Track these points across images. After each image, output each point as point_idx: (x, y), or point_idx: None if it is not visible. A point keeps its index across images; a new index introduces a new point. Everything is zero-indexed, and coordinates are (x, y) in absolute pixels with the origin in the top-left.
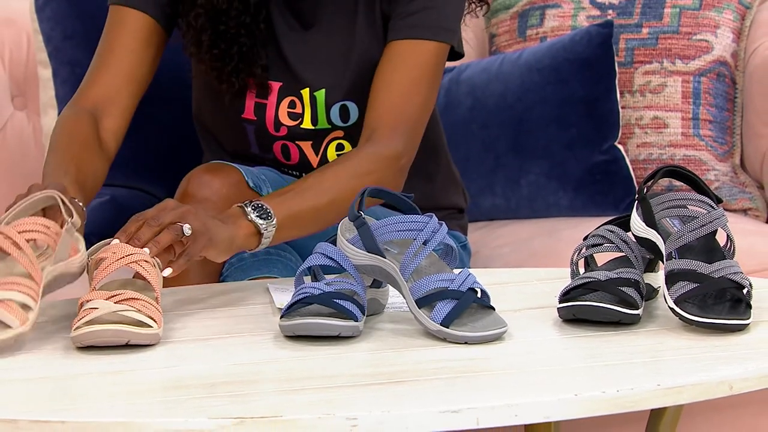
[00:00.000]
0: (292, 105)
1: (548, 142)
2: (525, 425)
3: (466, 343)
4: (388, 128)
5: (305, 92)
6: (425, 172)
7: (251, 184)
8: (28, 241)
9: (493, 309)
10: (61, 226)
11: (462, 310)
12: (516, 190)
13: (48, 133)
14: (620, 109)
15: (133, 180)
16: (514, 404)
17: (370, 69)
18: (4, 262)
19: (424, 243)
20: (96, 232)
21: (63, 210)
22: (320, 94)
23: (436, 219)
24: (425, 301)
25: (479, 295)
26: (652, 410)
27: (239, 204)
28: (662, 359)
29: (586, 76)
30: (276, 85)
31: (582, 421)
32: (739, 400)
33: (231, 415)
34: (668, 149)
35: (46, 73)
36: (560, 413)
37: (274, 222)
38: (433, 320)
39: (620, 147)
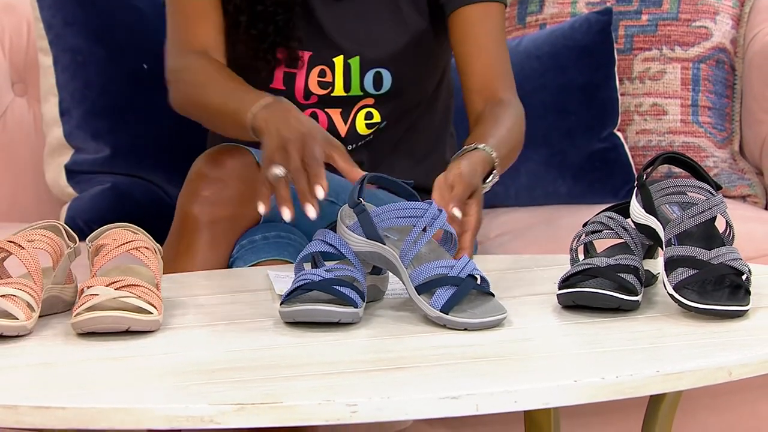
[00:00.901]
0: (322, 74)
1: (547, 129)
2: (524, 411)
3: (465, 329)
4: (509, 91)
5: (339, 60)
6: (436, 158)
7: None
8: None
9: (493, 296)
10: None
11: (462, 296)
12: (515, 177)
13: (48, 120)
14: (619, 96)
15: (133, 168)
16: (514, 390)
17: (409, 38)
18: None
19: (424, 230)
20: (96, 219)
21: (65, 236)
22: (355, 61)
23: (436, 206)
24: (425, 288)
25: (479, 281)
26: (651, 396)
27: (479, 147)
28: (661, 345)
29: (586, 63)
30: (306, 55)
31: (581, 408)
32: (739, 386)
33: (231, 401)
34: (667, 136)
35: (46, 60)
36: (559, 399)
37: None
38: (433, 306)
39: (619, 134)
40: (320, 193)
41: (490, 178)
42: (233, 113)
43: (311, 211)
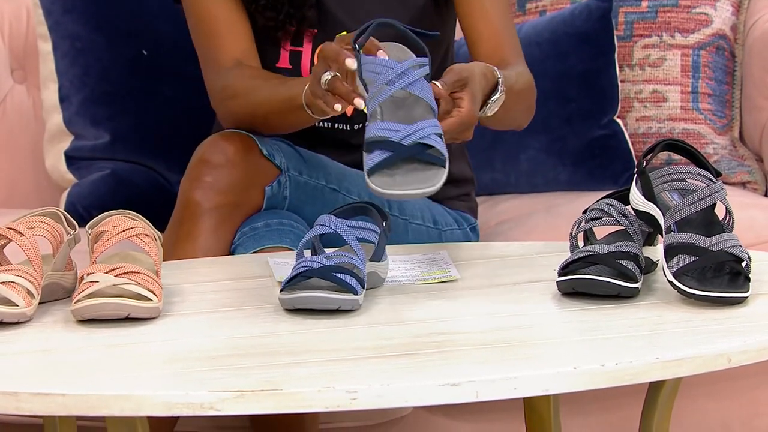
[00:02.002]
0: None
1: (547, 116)
2: (524, 398)
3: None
4: (518, 58)
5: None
6: None
7: (265, 153)
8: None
9: (443, 166)
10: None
11: (392, 162)
12: (515, 164)
13: (48, 107)
14: (619, 83)
15: (133, 154)
16: (513, 377)
17: (411, 15)
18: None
19: (388, 84)
20: (97, 205)
21: (65, 223)
22: None
23: (411, 62)
24: (368, 146)
25: (440, 152)
26: (650, 383)
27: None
28: (661, 332)
29: (586, 50)
30: (311, 32)
31: (581, 394)
32: (738, 373)
33: (231, 388)
34: (667, 123)
35: (46, 46)
36: (559, 386)
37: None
38: (365, 167)
39: (619, 121)
40: (359, 103)
41: (496, 94)
42: (286, 101)
43: (359, 102)
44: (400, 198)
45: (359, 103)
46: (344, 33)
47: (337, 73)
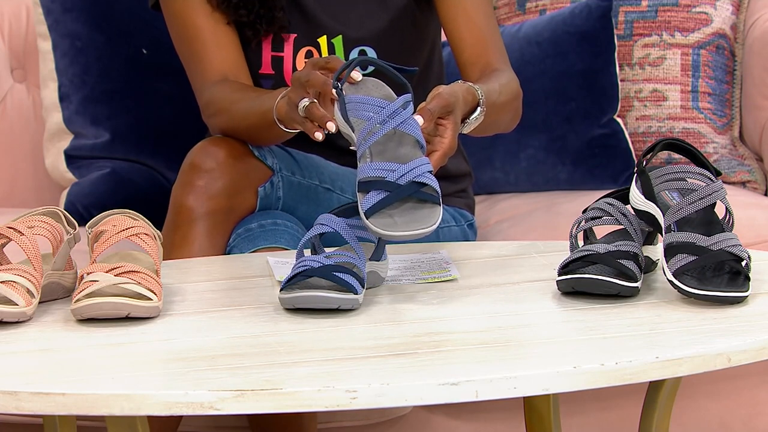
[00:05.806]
0: (309, 55)
1: (547, 115)
2: (524, 398)
3: (380, 238)
4: (503, 63)
5: (322, 40)
6: None
7: (256, 154)
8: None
9: (439, 204)
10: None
11: (390, 202)
12: (515, 163)
13: (48, 105)
14: (619, 82)
15: (133, 153)
16: (513, 377)
17: (392, 15)
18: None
19: (380, 124)
20: (96, 204)
21: (65, 222)
22: (338, 41)
23: (400, 103)
24: (363, 187)
25: (435, 189)
26: (650, 382)
27: (463, 82)
28: (661, 332)
29: (586, 49)
30: (291, 37)
31: (581, 394)
32: (738, 372)
33: (231, 387)
34: (667, 122)
35: (45, 45)
36: (559, 386)
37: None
38: (362, 208)
39: (619, 120)
40: (331, 126)
41: (475, 114)
42: (261, 116)
43: (331, 126)
44: (401, 239)
45: (331, 126)
46: (314, 57)
47: (314, 100)
